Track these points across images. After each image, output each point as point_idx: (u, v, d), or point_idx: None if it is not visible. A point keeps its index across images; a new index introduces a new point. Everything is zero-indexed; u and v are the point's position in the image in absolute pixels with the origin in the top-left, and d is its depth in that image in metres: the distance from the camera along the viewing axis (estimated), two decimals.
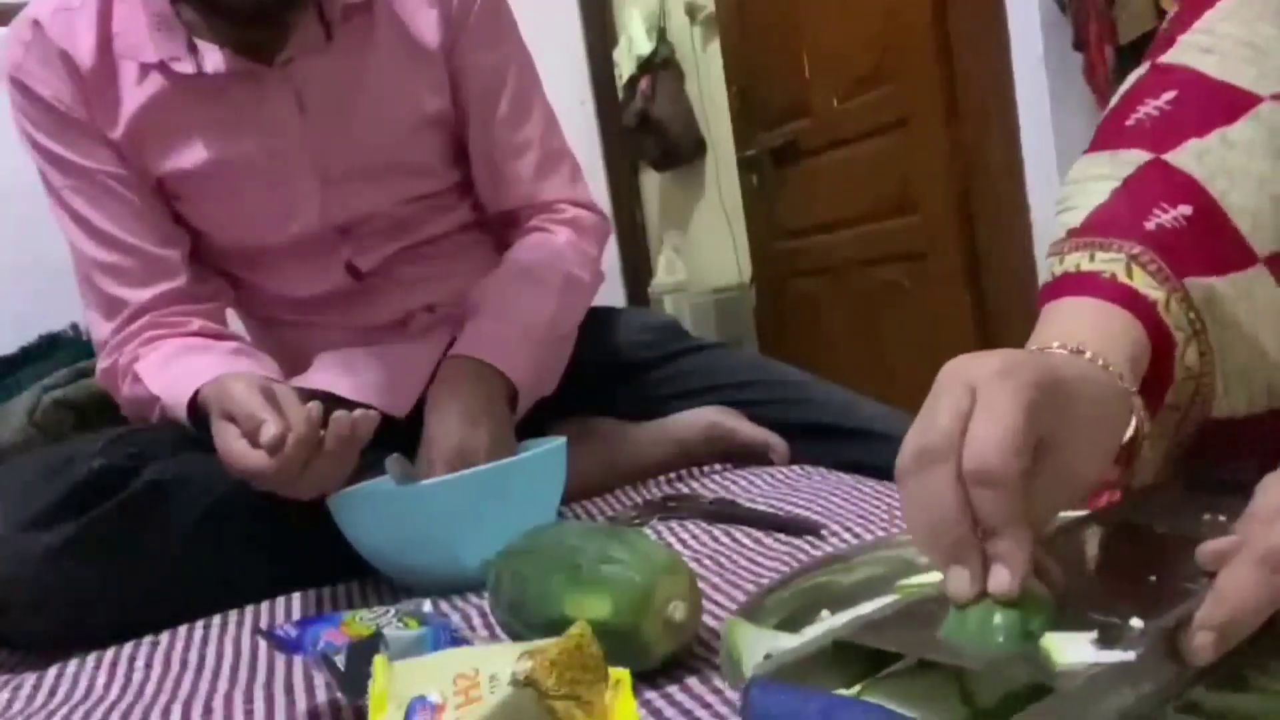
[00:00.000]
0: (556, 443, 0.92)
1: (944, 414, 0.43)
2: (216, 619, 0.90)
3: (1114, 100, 0.65)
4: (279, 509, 0.88)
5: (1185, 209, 0.58)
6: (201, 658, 0.81)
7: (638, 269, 3.35)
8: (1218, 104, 0.60)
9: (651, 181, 3.41)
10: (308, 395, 0.89)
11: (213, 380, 0.90)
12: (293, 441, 0.80)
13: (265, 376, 0.90)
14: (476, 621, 0.77)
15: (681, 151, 3.10)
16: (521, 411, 1.02)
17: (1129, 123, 0.62)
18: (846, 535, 0.82)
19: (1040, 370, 0.45)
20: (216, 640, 0.85)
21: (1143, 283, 0.55)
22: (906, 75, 2.16)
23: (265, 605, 0.92)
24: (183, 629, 0.88)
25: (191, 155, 1.02)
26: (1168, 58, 0.64)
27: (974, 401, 0.43)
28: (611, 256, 3.15)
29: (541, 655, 0.47)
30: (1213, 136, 0.59)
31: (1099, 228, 0.58)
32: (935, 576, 0.58)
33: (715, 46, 2.88)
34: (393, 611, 0.67)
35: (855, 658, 0.45)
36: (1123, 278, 0.55)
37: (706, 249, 3.18)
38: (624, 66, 3.16)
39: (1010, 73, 1.91)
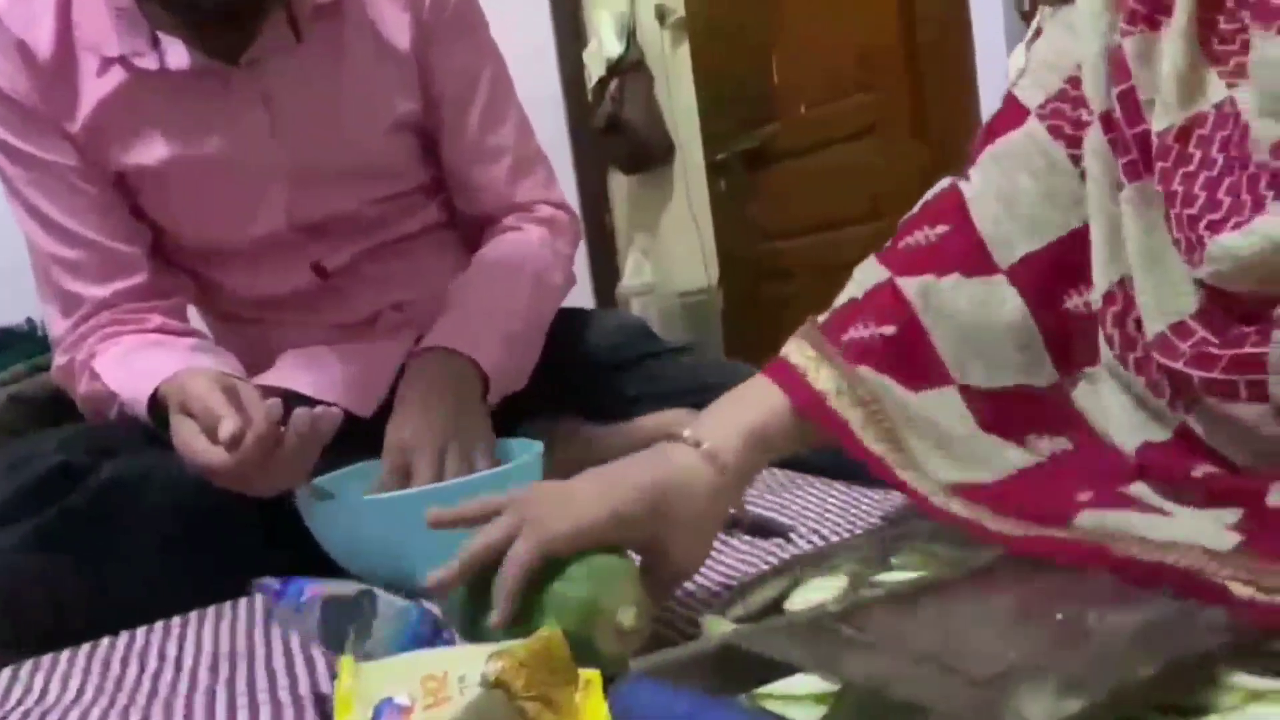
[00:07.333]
0: (532, 454, 0.90)
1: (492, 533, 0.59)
2: (194, 615, 0.89)
3: (917, 206, 0.73)
4: (244, 506, 0.86)
5: (890, 329, 0.67)
6: (179, 655, 0.80)
7: (606, 271, 3.35)
8: (970, 257, 0.68)
9: (620, 184, 3.41)
10: (270, 393, 0.88)
11: (172, 376, 0.89)
12: (251, 438, 0.79)
13: (226, 374, 0.88)
14: None
15: (650, 154, 3.11)
16: (493, 400, 1.01)
17: (901, 244, 0.71)
18: (814, 538, 0.83)
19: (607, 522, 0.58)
20: (194, 638, 0.84)
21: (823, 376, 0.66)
22: (875, 83, 2.18)
23: (244, 602, 0.91)
24: (159, 625, 0.87)
25: (153, 151, 1.01)
26: (963, 183, 0.71)
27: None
28: (579, 258, 3.12)
29: (511, 657, 0.47)
30: (945, 279, 0.67)
31: (822, 326, 0.71)
32: (904, 575, 0.59)
33: (685, 50, 2.89)
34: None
35: (748, 665, 0.46)
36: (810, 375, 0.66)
37: (674, 252, 3.19)
38: (593, 69, 3.16)
39: (975, 82, 1.93)
